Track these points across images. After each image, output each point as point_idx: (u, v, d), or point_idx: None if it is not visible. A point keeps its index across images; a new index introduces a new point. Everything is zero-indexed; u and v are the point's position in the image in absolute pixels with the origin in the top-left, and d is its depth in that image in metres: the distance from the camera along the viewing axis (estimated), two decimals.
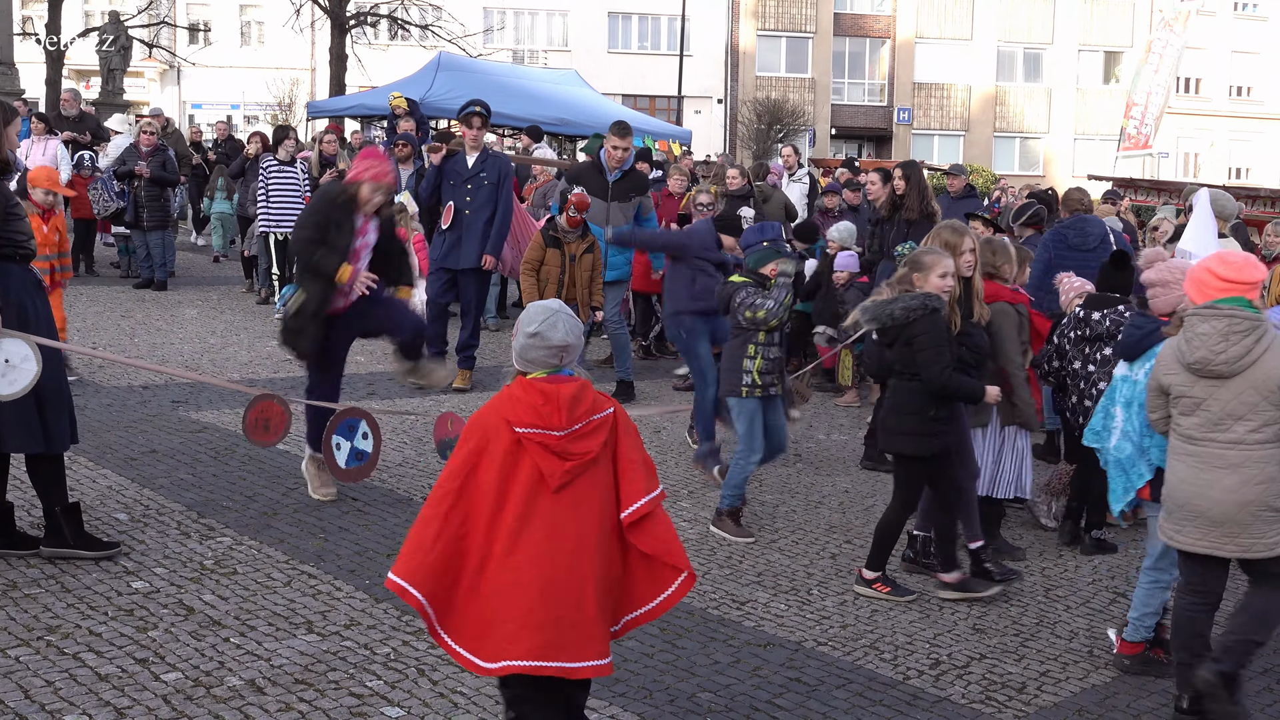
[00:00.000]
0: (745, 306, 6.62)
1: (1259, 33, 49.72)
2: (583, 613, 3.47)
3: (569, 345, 3.59)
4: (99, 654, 4.64)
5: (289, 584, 5.50)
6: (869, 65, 47.94)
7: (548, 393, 3.52)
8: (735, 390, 6.77)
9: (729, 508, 6.79)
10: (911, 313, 5.73)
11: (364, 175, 6.42)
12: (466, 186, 9.88)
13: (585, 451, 3.51)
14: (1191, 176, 45.02)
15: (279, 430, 6.31)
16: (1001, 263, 6.62)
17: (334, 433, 6.33)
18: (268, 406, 6.23)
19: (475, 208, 9.85)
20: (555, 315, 3.58)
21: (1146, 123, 33.69)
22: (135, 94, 35.72)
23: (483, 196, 9.88)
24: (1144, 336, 5.32)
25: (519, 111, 20.98)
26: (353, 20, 28.47)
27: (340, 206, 6.52)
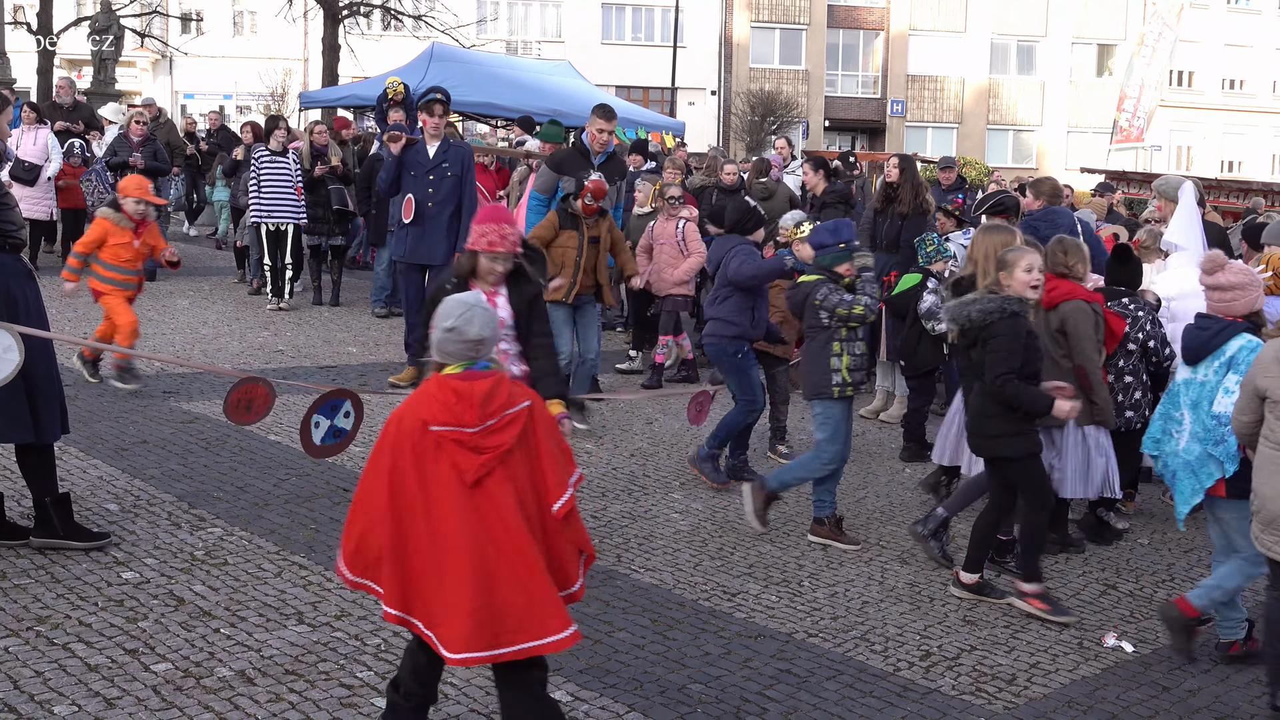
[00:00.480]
0: (837, 304, 6.35)
1: (1251, 26, 49.78)
2: (524, 595, 3.55)
3: (484, 339, 3.68)
4: (89, 644, 4.64)
5: (280, 575, 5.50)
6: (862, 57, 47.92)
7: (460, 390, 3.62)
8: (825, 392, 6.48)
9: (830, 514, 6.63)
10: (989, 315, 5.63)
11: (479, 244, 5.41)
12: (429, 178, 9.65)
13: (499, 445, 3.61)
14: (1184, 169, 45.04)
15: (260, 410, 6.17)
16: (1074, 261, 6.49)
17: (315, 412, 6.16)
18: (252, 388, 6.14)
19: (438, 200, 9.62)
20: (471, 310, 3.67)
21: (1139, 115, 33.72)
22: (127, 84, 35.64)
23: (445, 188, 9.65)
24: (1211, 338, 5.31)
25: (512, 102, 20.94)
26: (345, 10, 28.38)
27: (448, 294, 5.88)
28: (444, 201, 9.59)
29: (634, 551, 6.20)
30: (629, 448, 8.32)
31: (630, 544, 6.31)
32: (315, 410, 6.16)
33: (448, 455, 3.60)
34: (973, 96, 47.89)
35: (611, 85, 37.57)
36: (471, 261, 5.32)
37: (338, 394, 6.28)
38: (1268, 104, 50.40)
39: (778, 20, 46.39)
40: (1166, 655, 5.41)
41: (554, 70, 25.52)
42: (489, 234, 5.27)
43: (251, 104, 40.19)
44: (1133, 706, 4.87)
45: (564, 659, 4.80)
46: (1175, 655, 5.31)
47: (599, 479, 7.47)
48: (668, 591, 5.69)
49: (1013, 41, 48.23)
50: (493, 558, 3.55)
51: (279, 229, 12.74)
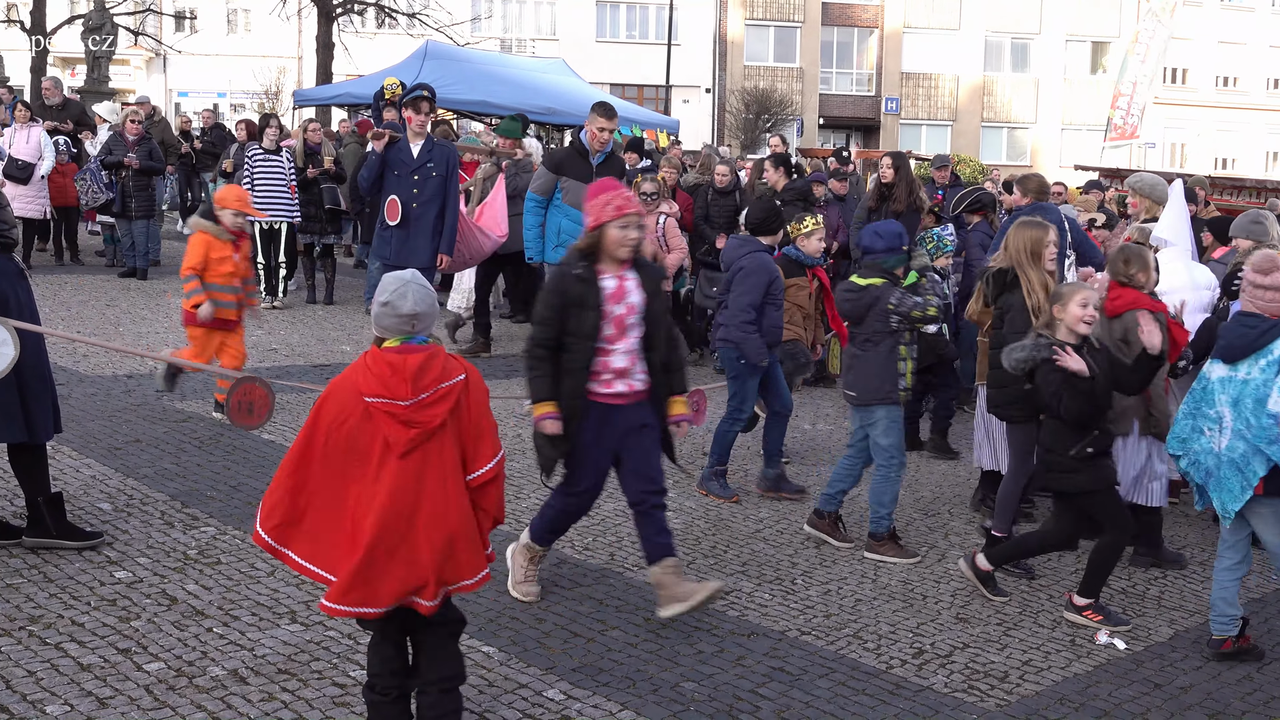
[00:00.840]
0: (913, 307, 6.30)
1: (1245, 23, 49.84)
2: (433, 551, 3.75)
3: (419, 314, 3.78)
4: (81, 644, 4.63)
5: (272, 574, 5.50)
6: (857, 55, 47.95)
7: (394, 363, 3.73)
8: (890, 397, 6.36)
9: (888, 530, 6.54)
10: (1022, 364, 5.72)
11: (604, 214, 4.94)
12: (413, 178, 9.44)
13: (430, 419, 3.73)
14: (1178, 167, 45.11)
15: (262, 413, 6.19)
16: (1135, 270, 6.41)
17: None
18: (250, 389, 6.13)
19: (423, 200, 9.44)
20: (406, 285, 3.79)
21: (1133, 113, 33.71)
22: (121, 82, 35.54)
23: (430, 189, 9.45)
24: (1259, 336, 5.31)
25: (506, 100, 20.91)
26: (340, 8, 28.38)
27: (577, 280, 5.06)
28: (428, 202, 9.41)
29: (627, 550, 6.20)
30: None
31: (623, 542, 6.31)
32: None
33: (380, 426, 3.71)
34: (967, 94, 47.93)
35: (606, 83, 37.56)
36: (596, 238, 5.00)
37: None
38: (1261, 101, 50.47)
39: (772, 18, 46.41)
40: (1158, 653, 5.42)
41: (548, 68, 25.53)
42: (613, 199, 4.94)
43: (246, 102, 40.13)
44: (1124, 704, 4.88)
45: (556, 657, 4.81)
46: None
47: None
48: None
49: (1007, 39, 48.27)
50: (406, 527, 3.71)
51: (272, 227, 12.73)
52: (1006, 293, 6.50)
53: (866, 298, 6.37)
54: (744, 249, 7.30)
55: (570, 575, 5.76)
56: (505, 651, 4.84)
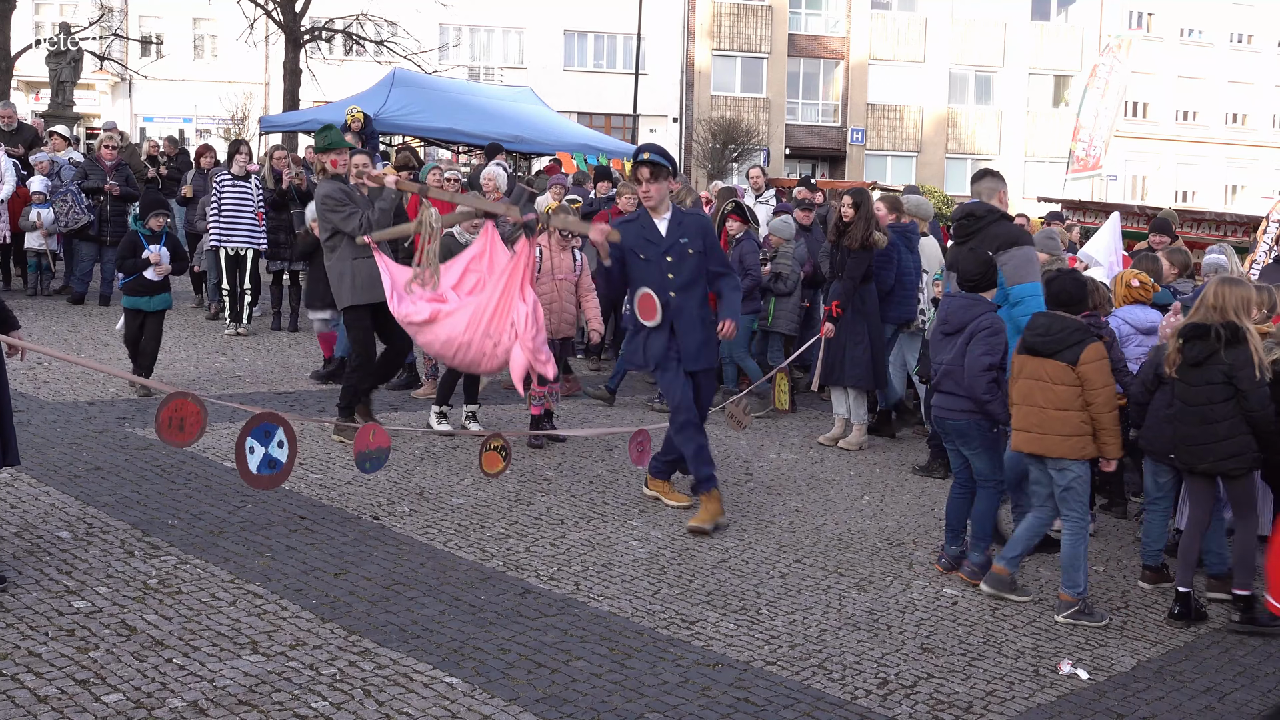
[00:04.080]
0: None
1: (1204, 59, 50.63)
2: None
3: None
4: (38, 675, 4.57)
5: (234, 603, 5.44)
6: (823, 86, 48.34)
7: None
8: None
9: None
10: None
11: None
12: (665, 260, 7.32)
13: None
14: (1139, 199, 45.68)
15: (194, 430, 5.96)
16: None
17: (248, 435, 5.89)
18: (182, 404, 5.94)
19: (680, 286, 7.33)
20: None
21: (1095, 145, 34.13)
22: (86, 106, 35.38)
23: (688, 271, 7.32)
24: None
25: (474, 128, 20.99)
26: (307, 35, 28.35)
27: None
28: (688, 288, 7.33)
29: (592, 579, 6.18)
30: (588, 475, 8.31)
31: (588, 572, 6.30)
32: (248, 433, 5.87)
33: None
34: (932, 125, 48.39)
35: (573, 112, 37.73)
36: None
37: (269, 418, 6.00)
38: (1221, 135, 51.24)
39: (739, 49, 46.74)
40: (1121, 683, 5.45)
41: (516, 96, 25.63)
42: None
43: (211, 127, 40.01)
44: None
45: (521, 688, 4.79)
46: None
47: (557, 506, 7.46)
48: (625, 620, 5.67)
49: (971, 72, 48.83)
50: None
51: (238, 254, 12.68)
52: (1229, 348, 6.21)
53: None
54: (976, 309, 6.71)
55: (535, 605, 5.73)
56: (469, 682, 4.81)
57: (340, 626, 5.25)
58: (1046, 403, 6.23)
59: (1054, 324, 6.30)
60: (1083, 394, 6.18)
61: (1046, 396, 6.24)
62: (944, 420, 6.82)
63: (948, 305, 6.92)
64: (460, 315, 7.17)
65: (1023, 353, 6.41)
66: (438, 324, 7.24)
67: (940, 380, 6.78)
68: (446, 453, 8.46)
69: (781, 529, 7.44)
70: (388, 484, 7.55)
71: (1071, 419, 6.19)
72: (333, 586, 5.74)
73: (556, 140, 22.56)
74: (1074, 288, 6.44)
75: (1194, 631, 6.23)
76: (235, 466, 7.33)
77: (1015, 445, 6.46)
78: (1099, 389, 6.15)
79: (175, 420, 5.74)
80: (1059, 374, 6.21)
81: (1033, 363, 6.33)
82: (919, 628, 5.93)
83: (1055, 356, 6.22)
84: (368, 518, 6.86)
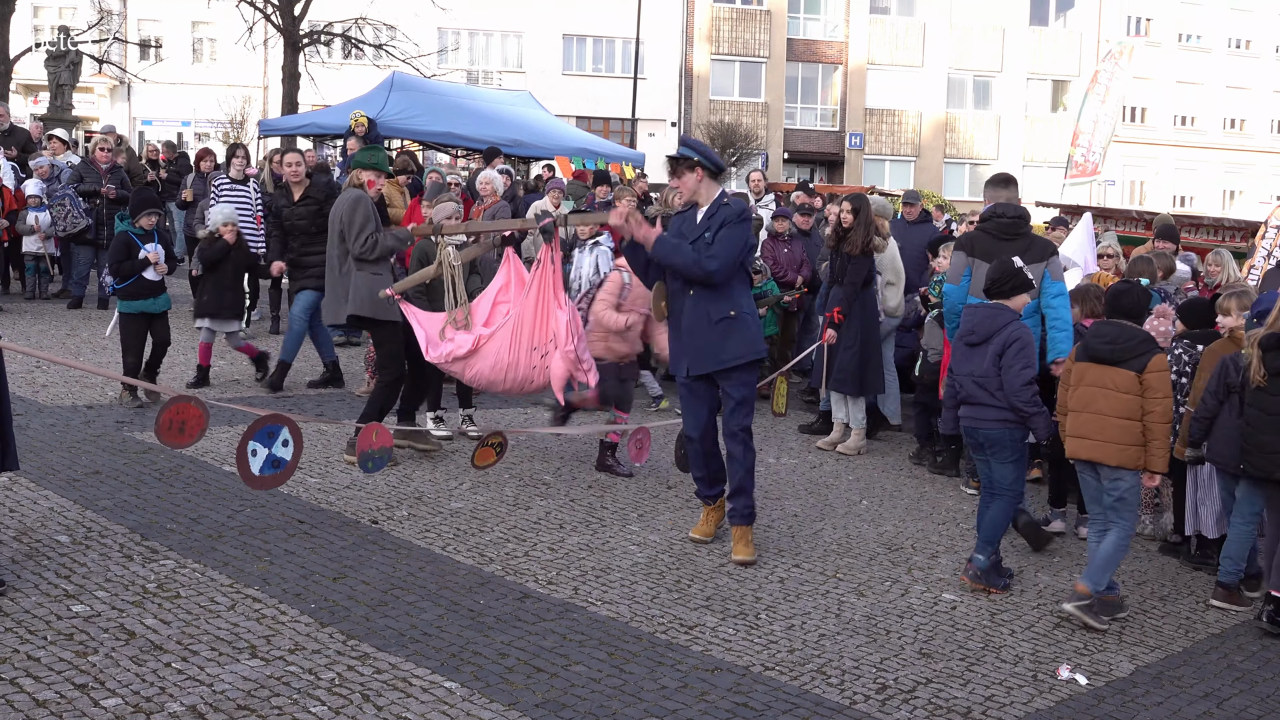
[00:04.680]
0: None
1: (1202, 64, 50.72)
2: None
3: None
4: (37, 679, 4.56)
5: (233, 608, 5.44)
6: (821, 90, 48.39)
7: None
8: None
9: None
10: None
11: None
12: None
13: None
14: (1137, 204, 45.75)
15: (194, 432, 5.94)
16: None
17: (251, 438, 5.88)
18: (184, 408, 5.92)
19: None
20: None
21: (1094, 150, 34.16)
22: (84, 109, 35.40)
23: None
24: None
25: (472, 132, 20.99)
26: (306, 38, 28.38)
27: None
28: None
29: (591, 584, 6.19)
30: (586, 480, 8.31)
31: (587, 576, 6.30)
32: (251, 436, 5.87)
33: None
34: (930, 130, 48.44)
35: (572, 116, 37.76)
36: None
37: (274, 419, 5.97)
38: (1219, 140, 51.33)
39: (737, 53, 46.79)
40: (1119, 688, 5.45)
41: (515, 100, 25.63)
42: None
43: (210, 131, 40.03)
44: None
45: (519, 693, 4.79)
46: None
47: (556, 511, 7.46)
48: (624, 624, 5.67)
49: (969, 77, 48.89)
50: None
51: None
52: None
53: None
54: (1002, 317, 6.69)
55: (533, 610, 5.73)
56: (468, 687, 4.81)
57: (339, 631, 5.25)
58: (1110, 410, 6.29)
59: (1121, 333, 6.38)
60: (1143, 403, 6.26)
61: (1110, 404, 6.30)
62: (977, 431, 6.79)
63: (972, 315, 6.88)
64: (502, 334, 7.25)
65: (1085, 360, 6.46)
66: (482, 350, 7.31)
67: (971, 391, 6.76)
68: (445, 456, 8.46)
69: (780, 533, 7.44)
70: (386, 488, 7.55)
71: (1132, 428, 6.26)
72: (331, 591, 5.74)
73: (555, 144, 22.56)
74: (1142, 298, 6.57)
75: (1192, 637, 6.24)
76: (234, 470, 7.35)
77: (1071, 452, 6.50)
78: (1160, 399, 6.23)
79: (176, 423, 5.73)
80: (1125, 382, 6.28)
81: (1095, 370, 6.38)
82: (918, 633, 5.93)
83: (1122, 365, 6.30)
84: (366, 522, 6.86)
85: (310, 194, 10.82)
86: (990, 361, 6.64)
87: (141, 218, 9.60)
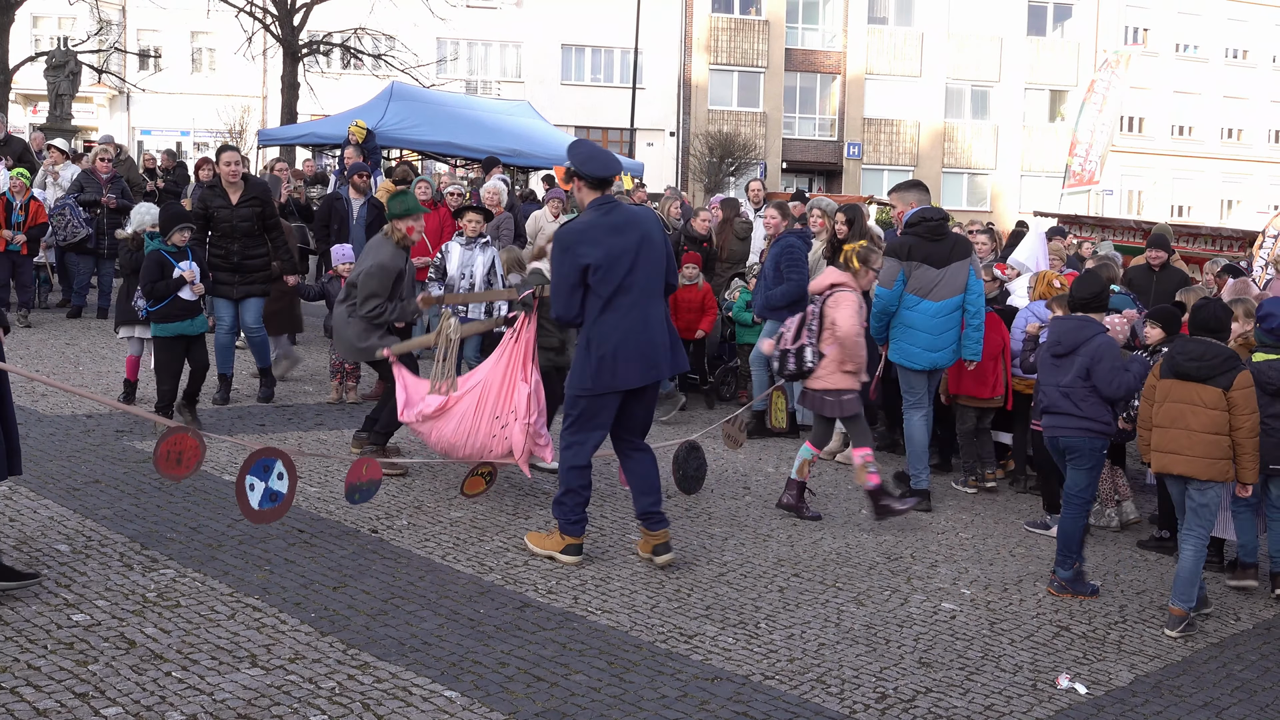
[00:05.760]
0: None
1: (1200, 74, 50.81)
2: None
3: None
4: (37, 688, 4.56)
5: (233, 617, 5.44)
6: (819, 100, 48.46)
7: None
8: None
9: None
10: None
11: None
12: None
13: None
14: (1135, 213, 45.84)
15: (191, 463, 5.97)
16: None
17: (247, 473, 5.96)
18: (181, 439, 5.95)
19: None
20: None
21: (1091, 160, 34.24)
22: (84, 119, 35.42)
23: None
24: None
25: (471, 142, 21.03)
26: (305, 49, 28.43)
27: None
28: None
29: (591, 593, 6.19)
30: None
31: (587, 585, 6.30)
32: (247, 471, 5.93)
33: None
34: (928, 140, 48.51)
35: (571, 126, 37.80)
36: None
37: (267, 453, 6.07)
38: (1216, 150, 51.41)
39: (736, 63, 46.87)
40: (1119, 697, 5.46)
41: (514, 110, 25.67)
42: None
43: (209, 140, 40.07)
44: None
45: (519, 702, 4.79)
46: None
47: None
48: (624, 633, 5.68)
49: (967, 86, 48.97)
50: None
51: None
52: None
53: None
54: (1089, 329, 6.98)
55: (533, 619, 5.74)
56: (468, 696, 4.82)
57: (339, 640, 5.25)
58: (1199, 426, 6.41)
59: (1208, 350, 6.49)
60: (1230, 419, 6.39)
61: (1200, 420, 6.41)
62: (1058, 439, 7.00)
63: (1059, 327, 7.11)
64: (468, 398, 7.31)
65: (1171, 377, 6.57)
66: (450, 411, 7.37)
67: (1054, 400, 6.95)
68: (444, 466, 8.46)
69: (779, 543, 7.45)
70: (386, 497, 7.56)
71: (1221, 443, 6.38)
72: (331, 600, 5.74)
73: (553, 154, 22.59)
74: (1223, 314, 6.71)
75: (1191, 646, 6.24)
76: (233, 480, 7.36)
77: (1162, 466, 6.61)
78: (1247, 415, 6.38)
79: (174, 454, 5.78)
80: (1212, 399, 6.41)
81: (1182, 387, 6.51)
82: (917, 642, 5.93)
83: (1209, 382, 6.43)
84: (366, 531, 6.87)
85: (250, 194, 10.04)
86: (1076, 373, 6.86)
87: (174, 234, 8.95)
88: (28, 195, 13.28)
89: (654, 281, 6.47)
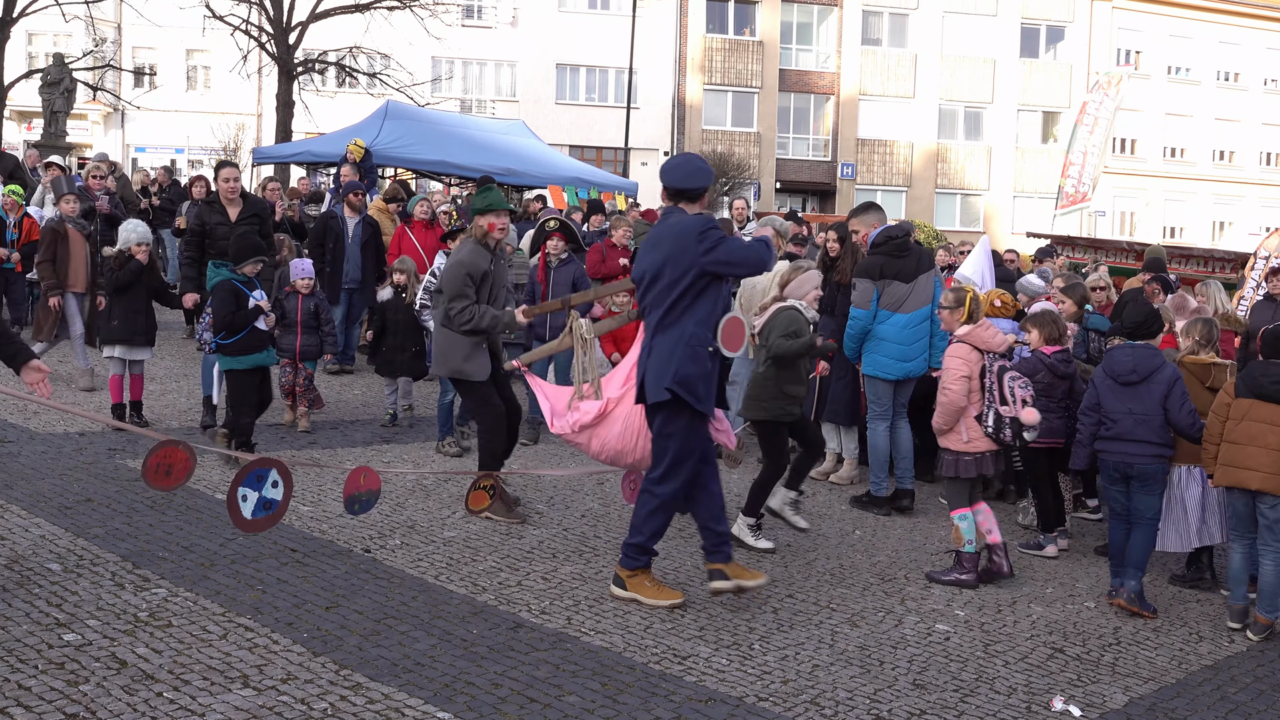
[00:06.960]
0: None
1: (1191, 96, 51.05)
2: None
3: None
4: (28, 709, 4.54)
5: (225, 637, 5.42)
6: (813, 121, 48.63)
7: None
8: None
9: None
10: None
11: None
12: None
13: None
14: (1127, 235, 46.00)
15: (180, 476, 5.92)
16: None
17: (240, 484, 5.85)
18: (171, 452, 5.90)
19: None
20: None
21: (1084, 181, 34.38)
22: (78, 136, 35.48)
23: None
24: None
25: (466, 160, 21.06)
26: (300, 67, 28.47)
27: None
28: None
29: (584, 614, 6.17)
30: (580, 509, 8.31)
31: (581, 606, 6.28)
32: (240, 481, 5.85)
33: None
34: (921, 160, 48.68)
35: (565, 145, 37.91)
36: None
37: (262, 463, 6.01)
38: (1208, 172, 51.63)
39: (730, 83, 47.03)
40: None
41: (508, 129, 25.72)
42: None
43: (204, 158, 40.09)
44: None
45: None
46: None
47: (549, 540, 7.45)
48: (618, 655, 5.66)
49: (960, 107, 49.16)
50: None
51: None
52: None
53: None
54: (1158, 357, 7.20)
55: (527, 640, 5.72)
56: (461, 717, 4.80)
57: (332, 660, 5.23)
58: (1278, 445, 6.64)
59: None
60: None
61: (1278, 439, 6.66)
62: (1133, 465, 7.11)
63: (1131, 355, 7.21)
64: (629, 398, 6.63)
65: (1250, 396, 6.77)
66: (611, 415, 6.75)
67: (1129, 428, 7.10)
68: (438, 486, 8.45)
69: (773, 563, 7.44)
70: (379, 517, 7.54)
71: None
72: (324, 620, 5.72)
73: (548, 173, 22.66)
74: None
75: (1186, 669, 6.24)
76: (226, 498, 7.35)
77: (1232, 481, 6.79)
78: None
79: (163, 466, 5.72)
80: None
81: (1261, 407, 6.73)
82: (911, 664, 5.92)
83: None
84: (359, 551, 6.85)
85: (249, 210, 10.03)
86: (1157, 400, 7.08)
87: (246, 264, 8.66)
88: (21, 213, 13.27)
89: None
